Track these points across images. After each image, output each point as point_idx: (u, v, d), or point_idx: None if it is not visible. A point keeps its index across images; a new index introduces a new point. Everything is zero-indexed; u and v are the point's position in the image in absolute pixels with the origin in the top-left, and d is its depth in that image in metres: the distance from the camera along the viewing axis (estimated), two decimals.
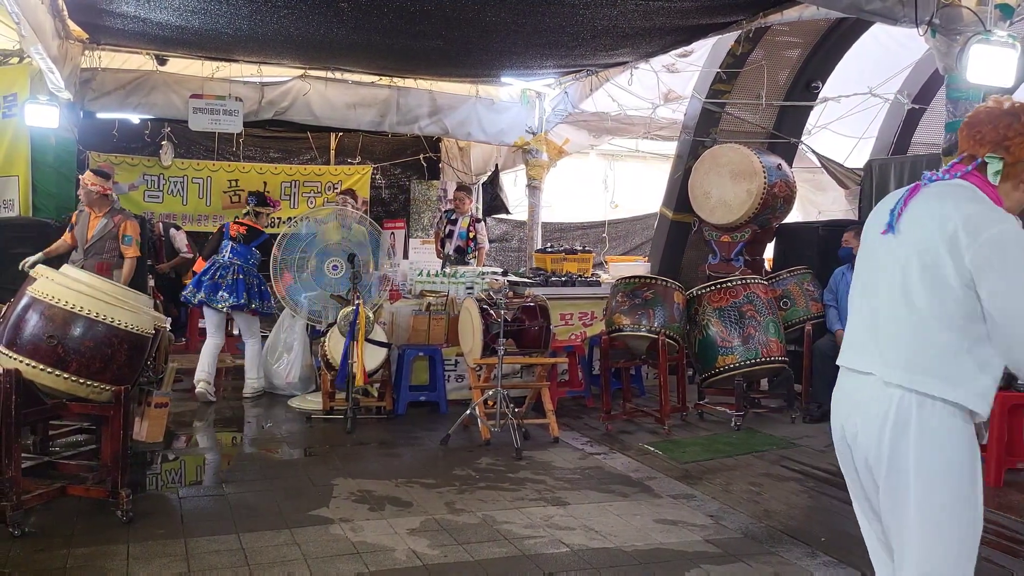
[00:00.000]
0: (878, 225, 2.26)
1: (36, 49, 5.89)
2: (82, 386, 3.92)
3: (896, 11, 4.59)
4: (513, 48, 7.46)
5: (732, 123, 8.58)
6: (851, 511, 2.45)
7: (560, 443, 5.82)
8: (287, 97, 8.78)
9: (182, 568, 3.54)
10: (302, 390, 7.14)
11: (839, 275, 6.66)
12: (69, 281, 3.95)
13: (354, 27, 6.72)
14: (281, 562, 3.63)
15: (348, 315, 6.09)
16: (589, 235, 12.56)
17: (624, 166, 12.94)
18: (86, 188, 6.41)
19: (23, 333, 3.85)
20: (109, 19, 6.77)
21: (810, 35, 8.12)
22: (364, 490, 4.67)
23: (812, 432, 6.24)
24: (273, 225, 10.67)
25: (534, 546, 3.90)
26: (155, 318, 4.22)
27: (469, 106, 9.52)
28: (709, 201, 7.89)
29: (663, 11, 6.03)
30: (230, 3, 6.05)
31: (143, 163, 10.10)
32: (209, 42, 7.57)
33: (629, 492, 4.78)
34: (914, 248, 2.11)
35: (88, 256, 6.36)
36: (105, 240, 6.43)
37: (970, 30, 4.34)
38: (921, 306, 2.08)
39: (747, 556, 3.83)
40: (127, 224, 6.48)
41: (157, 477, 4.97)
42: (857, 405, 2.23)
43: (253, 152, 11.15)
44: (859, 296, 2.33)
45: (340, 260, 6.77)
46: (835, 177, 9.18)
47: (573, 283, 7.68)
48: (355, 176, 11.17)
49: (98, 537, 3.84)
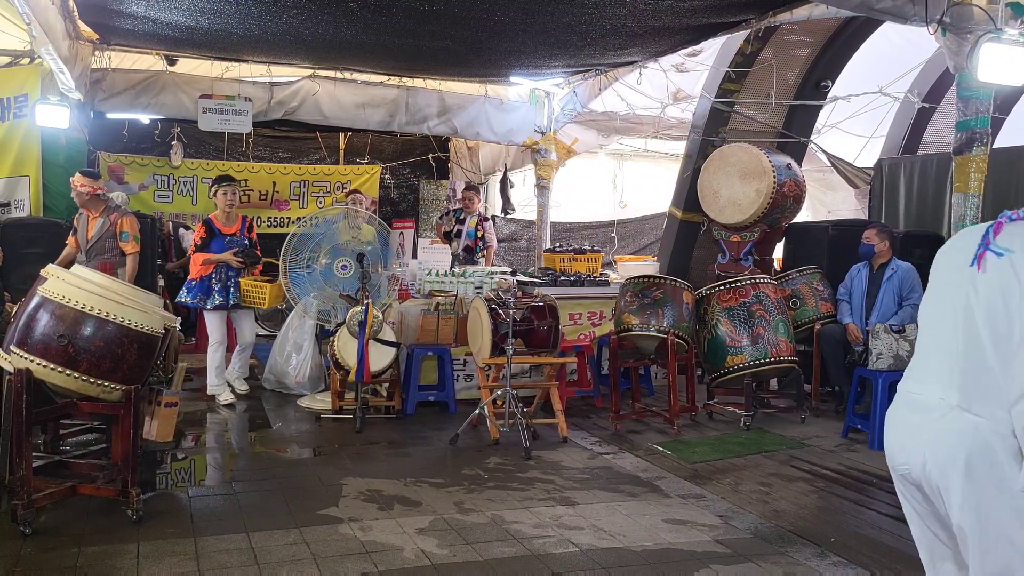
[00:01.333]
0: (956, 257, 2.23)
1: (47, 50, 5.92)
2: (92, 385, 3.94)
3: (906, 10, 4.56)
4: (522, 48, 7.46)
5: (741, 122, 8.55)
6: (860, 511, 2.44)
7: (569, 443, 5.82)
8: (296, 97, 8.80)
9: (192, 567, 3.55)
10: (311, 390, 7.16)
11: (855, 272, 6.64)
12: (80, 281, 3.97)
13: (363, 27, 6.73)
14: (290, 561, 3.64)
15: (357, 315, 6.10)
16: (598, 235, 12.54)
17: (633, 166, 12.91)
18: (76, 191, 6.43)
19: (34, 333, 3.87)
20: (119, 20, 6.80)
21: (820, 34, 8.09)
22: (373, 489, 4.68)
23: (822, 432, 6.22)
24: (282, 225, 10.75)
25: (543, 546, 3.90)
26: (165, 318, 4.23)
27: (478, 106, 9.53)
28: (718, 200, 7.87)
29: (672, 10, 6.02)
30: (240, 3, 6.07)
31: (153, 163, 10.14)
32: (219, 42, 7.59)
33: (638, 492, 4.77)
34: (989, 285, 2.09)
35: (91, 257, 6.38)
36: (104, 240, 6.45)
37: (981, 29, 4.31)
38: (989, 342, 2.05)
39: (756, 556, 3.82)
40: (123, 220, 6.47)
41: (167, 476, 4.99)
42: (927, 434, 2.16)
43: (262, 152, 11.19)
44: (930, 325, 2.29)
45: (349, 260, 6.79)
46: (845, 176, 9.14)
47: (582, 283, 7.67)
48: (364, 176, 11.19)
49: (108, 536, 3.86)
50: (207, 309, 6.75)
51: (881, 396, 5.67)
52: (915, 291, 6.27)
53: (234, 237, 6.88)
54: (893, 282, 6.35)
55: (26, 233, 7.02)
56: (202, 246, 6.79)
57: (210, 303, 6.71)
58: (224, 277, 6.73)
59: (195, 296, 6.72)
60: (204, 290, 6.70)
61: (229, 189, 6.89)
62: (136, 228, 6.55)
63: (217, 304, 6.71)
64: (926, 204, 7.88)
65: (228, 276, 6.76)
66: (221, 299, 6.71)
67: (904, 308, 6.26)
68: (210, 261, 6.71)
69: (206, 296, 6.70)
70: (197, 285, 6.73)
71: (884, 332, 5.79)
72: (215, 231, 6.83)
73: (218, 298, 6.70)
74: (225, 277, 6.74)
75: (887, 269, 6.41)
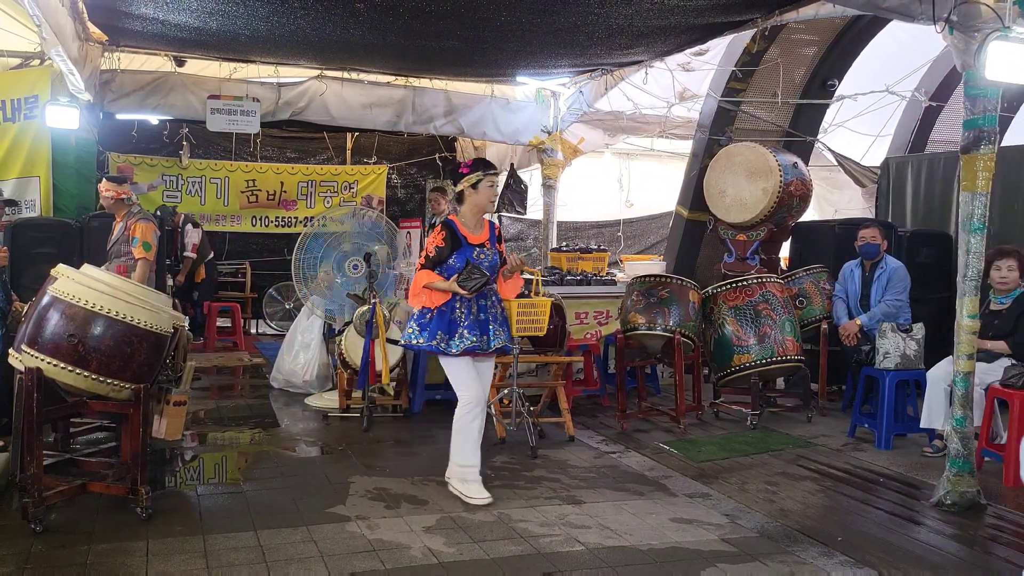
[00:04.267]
0: None
1: (57, 51, 5.96)
2: (102, 384, 3.97)
3: (913, 8, 4.55)
4: (528, 48, 7.47)
5: (748, 121, 8.55)
6: (868, 510, 2.44)
7: (575, 442, 5.83)
8: (304, 97, 8.83)
9: (200, 565, 3.57)
10: (319, 388, 7.18)
11: (847, 270, 6.64)
12: (90, 280, 4.00)
13: (370, 28, 6.75)
14: (298, 559, 3.66)
15: (364, 314, 6.12)
16: (604, 234, 12.55)
17: (639, 165, 12.93)
18: (102, 196, 6.48)
19: (44, 332, 3.90)
20: (128, 21, 6.84)
21: (826, 33, 8.08)
22: (380, 488, 4.70)
23: (828, 431, 6.21)
24: (289, 225, 10.80)
25: (549, 544, 3.91)
26: (174, 317, 4.26)
27: (484, 106, 9.54)
28: (725, 200, 7.87)
29: (678, 9, 6.02)
30: (247, 5, 6.09)
31: (162, 163, 10.20)
32: (227, 43, 7.63)
33: (645, 491, 4.78)
34: None
35: (110, 260, 6.42)
36: (121, 243, 6.46)
37: (988, 27, 4.30)
38: None
39: (763, 555, 3.82)
40: (136, 226, 6.41)
41: (176, 474, 5.02)
42: None
43: (270, 152, 11.24)
44: None
45: (360, 260, 6.81)
46: (852, 175, 9.14)
47: (588, 282, 7.68)
48: (371, 176, 11.23)
49: (118, 534, 3.89)
50: (450, 354, 4.45)
51: (888, 395, 5.67)
52: (896, 288, 6.28)
53: (483, 249, 4.55)
54: (882, 280, 6.37)
55: (36, 233, 7.06)
56: (435, 260, 4.46)
57: (456, 344, 4.45)
58: (476, 307, 4.51)
59: (432, 336, 4.44)
60: (445, 325, 4.45)
61: (496, 179, 4.68)
62: (148, 235, 6.37)
63: (469, 346, 4.46)
64: (933, 203, 7.87)
65: (486, 303, 4.54)
66: (474, 338, 4.47)
67: (880, 304, 6.28)
68: (436, 288, 4.43)
69: (448, 335, 4.45)
70: (436, 321, 4.45)
71: (891, 331, 5.78)
72: (460, 239, 4.49)
73: (469, 337, 4.47)
74: (478, 307, 4.51)
75: (877, 268, 6.43)
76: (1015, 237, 6.60)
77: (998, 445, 5.23)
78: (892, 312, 6.25)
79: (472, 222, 4.57)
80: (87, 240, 7.20)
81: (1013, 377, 5.06)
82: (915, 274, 6.58)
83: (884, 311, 6.25)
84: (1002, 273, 5.42)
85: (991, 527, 4.32)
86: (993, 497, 4.66)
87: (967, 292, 4.47)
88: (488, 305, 4.56)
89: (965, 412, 4.53)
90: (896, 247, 7.03)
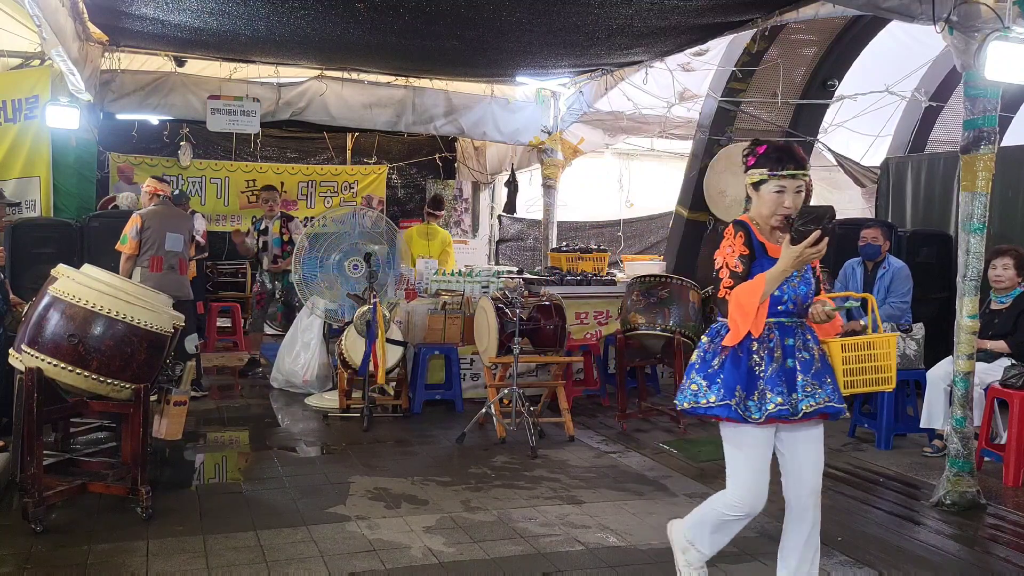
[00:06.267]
0: None
1: (57, 51, 5.96)
2: (102, 384, 3.97)
3: (913, 8, 4.55)
4: (528, 48, 7.47)
5: (748, 121, 8.55)
6: (868, 510, 2.44)
7: (575, 442, 5.83)
8: (304, 97, 8.83)
9: (201, 564, 3.58)
10: (319, 388, 7.18)
11: (849, 270, 6.64)
12: (90, 280, 4.00)
13: (370, 28, 6.76)
14: (298, 559, 3.66)
15: (365, 314, 6.13)
16: (604, 234, 12.55)
17: (639, 165, 12.93)
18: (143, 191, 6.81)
19: (45, 332, 3.91)
20: (129, 21, 6.84)
21: (826, 33, 8.08)
22: (380, 488, 4.70)
23: (828, 431, 6.16)
24: None
25: (549, 544, 3.91)
26: (174, 317, 4.26)
27: (484, 106, 9.54)
28: (724, 199, 7.87)
29: (678, 10, 6.02)
30: (248, 5, 6.10)
31: (162, 163, 10.20)
32: (227, 43, 7.63)
33: (645, 491, 4.78)
34: None
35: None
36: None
37: (988, 27, 4.30)
38: None
39: (763, 555, 3.82)
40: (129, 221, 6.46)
41: (176, 474, 5.02)
42: None
43: (270, 152, 11.24)
44: None
45: (360, 260, 6.81)
46: (852, 175, 9.13)
47: (588, 282, 7.68)
48: (371, 176, 11.23)
49: (118, 533, 3.89)
50: (751, 421, 2.92)
51: (888, 396, 5.67)
52: (901, 290, 6.26)
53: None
54: (885, 280, 6.36)
55: (37, 233, 7.07)
56: (744, 275, 2.94)
57: (756, 407, 2.93)
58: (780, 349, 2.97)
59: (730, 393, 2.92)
60: (743, 377, 2.94)
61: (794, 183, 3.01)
62: (131, 228, 6.30)
63: (774, 411, 2.91)
64: (933, 203, 7.87)
65: (794, 342, 3.00)
66: (780, 399, 2.92)
67: (884, 306, 6.27)
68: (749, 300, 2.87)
69: (747, 391, 2.94)
70: (730, 369, 2.95)
71: (891, 331, 5.78)
72: (757, 248, 3.01)
73: (774, 397, 2.92)
74: (783, 349, 2.97)
75: (880, 268, 6.41)
76: (1015, 237, 6.60)
77: (998, 445, 5.23)
78: (896, 315, 6.25)
79: (768, 228, 3.05)
80: (87, 240, 7.21)
81: (1013, 377, 5.06)
82: (915, 274, 6.56)
83: (888, 313, 6.23)
84: (997, 271, 5.42)
85: (991, 527, 4.32)
86: (993, 497, 4.67)
87: (967, 292, 4.48)
88: (797, 346, 3.00)
89: (965, 412, 4.54)
90: (896, 247, 7.02)
